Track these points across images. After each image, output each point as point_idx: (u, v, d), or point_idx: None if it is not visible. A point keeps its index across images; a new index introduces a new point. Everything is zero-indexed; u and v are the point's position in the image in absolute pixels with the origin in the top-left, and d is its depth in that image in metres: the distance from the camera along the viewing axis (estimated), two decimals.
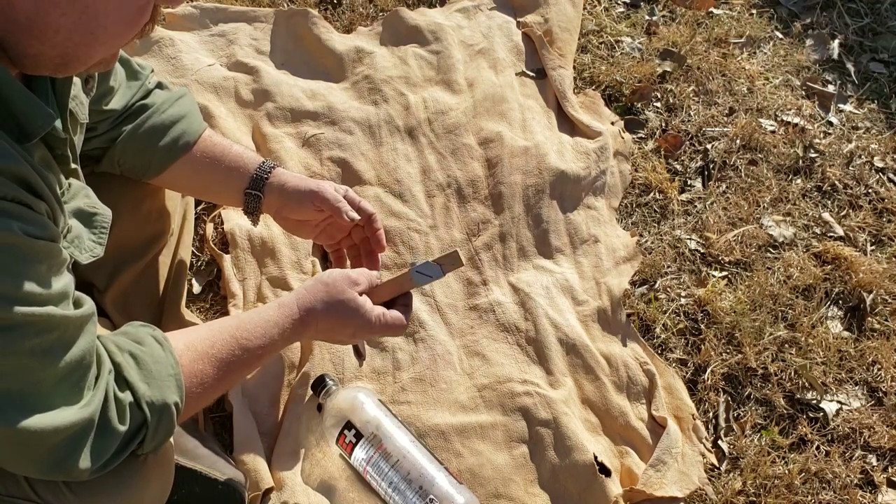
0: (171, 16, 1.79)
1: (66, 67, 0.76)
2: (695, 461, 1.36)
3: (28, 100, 0.75)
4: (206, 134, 1.19)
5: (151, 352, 0.88)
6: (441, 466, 1.22)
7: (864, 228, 1.76)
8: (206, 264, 1.50)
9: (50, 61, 0.75)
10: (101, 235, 0.93)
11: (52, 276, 0.77)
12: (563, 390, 1.40)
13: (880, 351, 1.55)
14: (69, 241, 0.88)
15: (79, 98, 0.93)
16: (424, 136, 1.70)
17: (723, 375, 1.49)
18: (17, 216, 0.73)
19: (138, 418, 0.84)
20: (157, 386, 0.86)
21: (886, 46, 2.15)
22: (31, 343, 0.73)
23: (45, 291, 0.75)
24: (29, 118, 0.76)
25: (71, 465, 0.78)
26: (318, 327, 1.05)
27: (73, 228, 0.89)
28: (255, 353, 1.00)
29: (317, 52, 1.83)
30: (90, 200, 0.94)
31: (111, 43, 0.75)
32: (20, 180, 0.74)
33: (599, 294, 1.56)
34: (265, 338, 1.00)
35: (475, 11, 1.98)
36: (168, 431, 0.87)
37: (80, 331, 0.79)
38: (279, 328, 1.02)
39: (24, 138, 0.76)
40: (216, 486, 1.15)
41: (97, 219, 0.94)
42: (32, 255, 0.74)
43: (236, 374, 0.99)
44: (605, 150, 1.74)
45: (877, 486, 1.40)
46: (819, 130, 1.93)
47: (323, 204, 1.17)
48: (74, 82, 0.89)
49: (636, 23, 2.08)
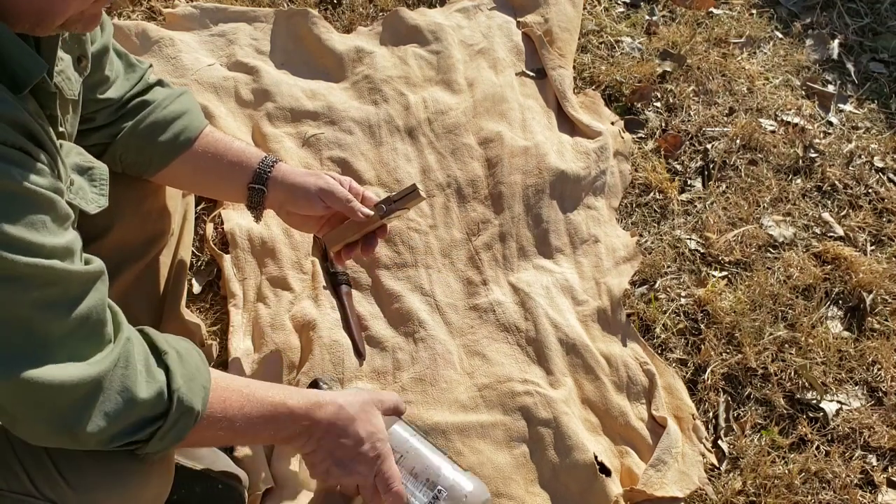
0: (171, 16, 1.79)
1: (43, 20, 0.75)
2: (695, 461, 1.36)
3: (21, 48, 0.75)
4: (207, 130, 1.20)
5: (193, 359, 0.89)
6: (444, 456, 1.21)
7: (864, 228, 1.76)
8: (206, 264, 1.50)
9: (26, 14, 0.74)
10: (101, 187, 0.93)
11: (55, 228, 0.76)
12: (563, 390, 1.40)
13: (880, 351, 1.55)
14: (74, 192, 0.87)
15: (66, 73, 0.92)
16: (424, 136, 1.70)
17: (723, 375, 1.49)
18: (17, 163, 0.72)
19: (162, 406, 0.83)
20: (190, 387, 0.86)
21: (886, 46, 2.15)
22: (34, 295, 0.73)
23: (49, 243, 0.74)
24: (23, 66, 0.75)
25: (78, 427, 0.77)
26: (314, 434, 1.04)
27: (75, 181, 0.89)
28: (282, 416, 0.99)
29: (317, 52, 1.83)
30: (84, 156, 0.93)
31: None
32: (21, 127, 0.74)
33: (599, 294, 1.56)
34: (306, 414, 1.01)
35: (475, 11, 1.98)
36: (179, 436, 0.87)
37: (87, 287, 0.79)
38: (314, 409, 1.02)
39: (16, 89, 0.76)
40: (216, 486, 1.15)
41: (94, 172, 0.94)
42: (34, 204, 0.73)
43: (257, 431, 0.98)
44: (605, 150, 1.74)
45: (877, 486, 1.40)
46: (819, 130, 1.93)
47: (334, 203, 1.18)
48: (62, 57, 0.89)
49: (636, 23, 2.08)
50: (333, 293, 1.46)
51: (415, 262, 1.53)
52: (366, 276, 1.51)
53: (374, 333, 1.43)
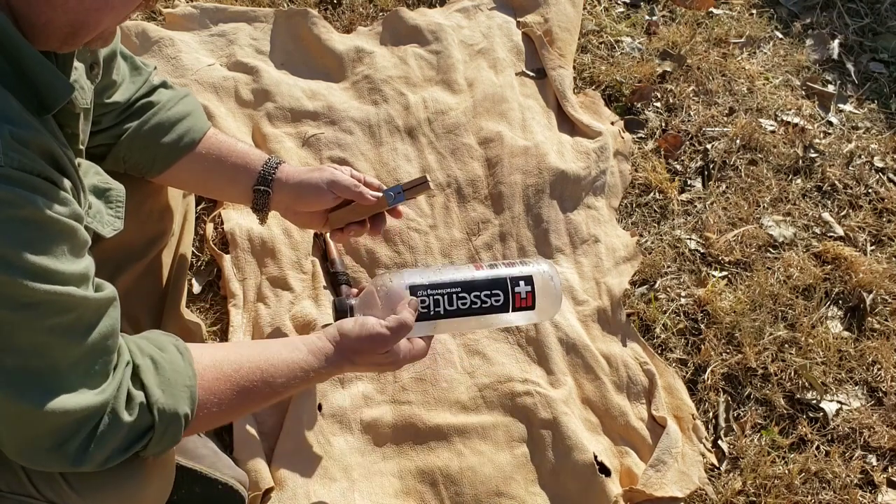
0: (171, 16, 1.79)
1: (75, 36, 0.76)
2: (695, 461, 1.36)
3: (50, 70, 0.75)
4: (210, 132, 1.20)
5: (171, 360, 0.88)
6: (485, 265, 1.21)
7: (864, 228, 1.76)
8: (206, 264, 1.50)
9: (59, 30, 0.74)
10: (118, 209, 0.94)
11: (73, 256, 0.77)
12: (563, 390, 1.40)
13: (880, 351, 1.55)
14: (91, 216, 0.88)
15: (80, 83, 0.92)
16: (424, 136, 1.70)
17: (723, 375, 1.49)
18: (42, 192, 0.73)
19: (147, 421, 0.83)
20: (171, 394, 0.85)
21: (886, 46, 2.15)
22: (51, 322, 0.74)
23: (67, 271, 0.75)
24: (51, 89, 0.76)
25: (73, 451, 0.78)
26: (352, 359, 1.07)
27: (93, 205, 0.89)
28: (278, 392, 1.00)
29: (317, 52, 1.83)
30: (102, 177, 0.94)
31: (121, 9, 0.75)
32: (47, 154, 0.74)
33: (599, 294, 1.56)
34: (293, 377, 1.01)
35: (475, 11, 1.98)
36: (173, 440, 0.87)
37: (101, 313, 0.79)
38: (304, 370, 1.02)
39: (42, 111, 0.76)
40: (216, 486, 1.15)
41: (112, 194, 0.95)
42: (56, 233, 0.74)
43: (255, 404, 1.00)
44: (605, 150, 1.74)
45: (877, 486, 1.40)
46: (819, 130, 1.93)
47: (343, 192, 1.20)
48: (76, 66, 0.89)
49: (636, 23, 2.08)
50: (333, 293, 1.46)
51: (415, 261, 1.53)
52: (366, 276, 1.51)
53: None
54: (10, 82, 0.73)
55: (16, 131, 0.70)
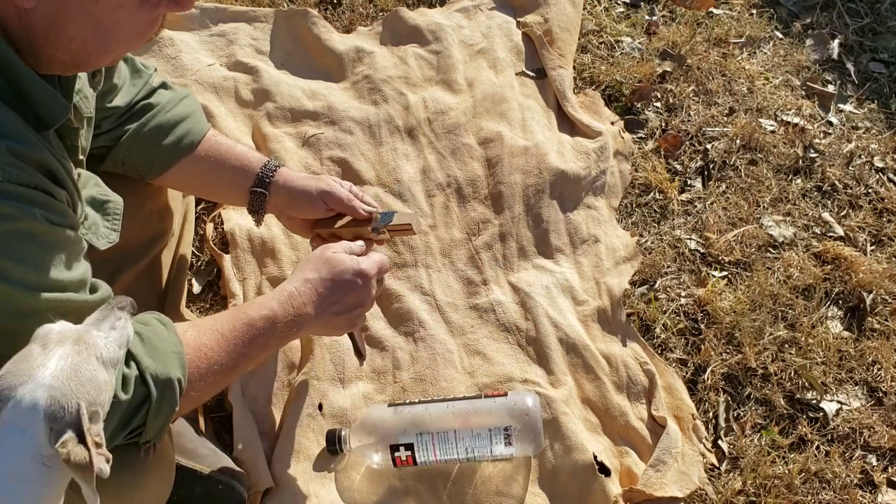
0: (171, 15, 1.78)
1: (76, 69, 0.81)
2: (695, 461, 1.36)
3: (47, 92, 0.79)
4: (210, 134, 1.20)
5: (155, 330, 0.89)
6: (478, 396, 1.25)
7: (864, 228, 1.76)
8: (206, 264, 1.50)
9: (62, 64, 0.79)
10: (114, 222, 0.97)
11: (71, 263, 0.80)
12: (563, 390, 1.40)
13: (880, 351, 1.55)
14: (87, 227, 0.91)
15: (83, 92, 0.94)
16: (424, 136, 1.70)
17: (723, 375, 1.49)
18: (39, 204, 0.75)
19: (142, 392, 0.84)
20: (161, 360, 0.86)
21: (886, 46, 2.15)
22: None
23: (66, 279, 0.78)
24: (48, 109, 0.79)
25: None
26: (318, 292, 1.05)
27: (89, 216, 0.92)
28: (258, 327, 0.99)
29: (317, 52, 1.83)
30: (101, 189, 0.96)
31: (122, 51, 0.81)
32: (42, 167, 0.77)
33: (599, 294, 1.56)
34: (265, 307, 1.00)
35: (475, 11, 1.98)
36: (171, 407, 0.87)
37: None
38: (277, 300, 1.02)
39: (41, 128, 0.80)
40: (216, 486, 1.16)
41: (109, 206, 0.97)
42: (54, 242, 0.77)
43: (241, 352, 0.98)
44: (605, 150, 1.74)
45: (877, 486, 1.40)
46: (819, 130, 1.93)
47: (336, 204, 1.19)
48: (79, 76, 0.91)
49: (636, 23, 2.08)
50: None
51: (415, 261, 1.53)
52: None
53: (374, 333, 1.43)
54: (9, 99, 0.76)
55: (13, 146, 0.73)
